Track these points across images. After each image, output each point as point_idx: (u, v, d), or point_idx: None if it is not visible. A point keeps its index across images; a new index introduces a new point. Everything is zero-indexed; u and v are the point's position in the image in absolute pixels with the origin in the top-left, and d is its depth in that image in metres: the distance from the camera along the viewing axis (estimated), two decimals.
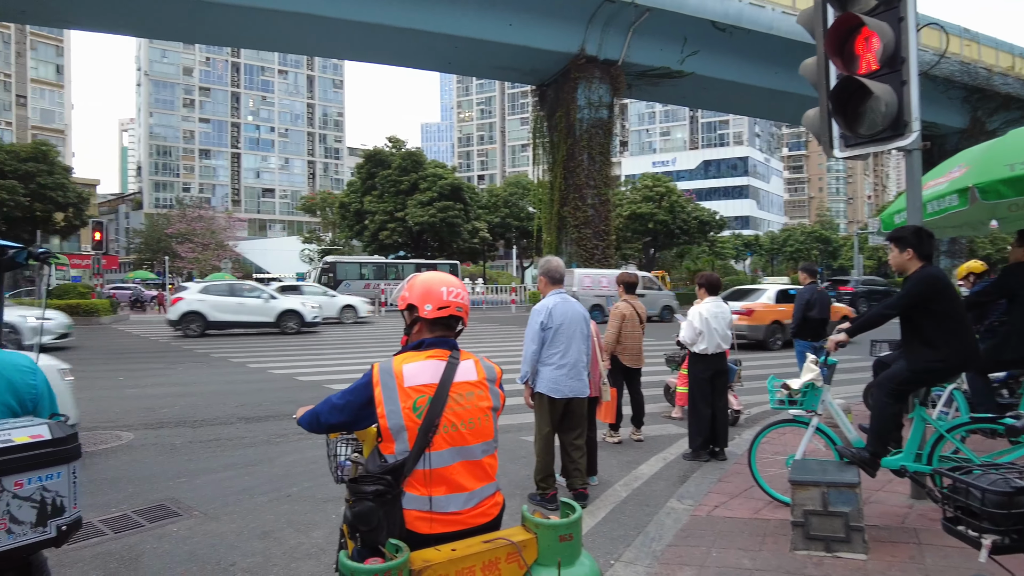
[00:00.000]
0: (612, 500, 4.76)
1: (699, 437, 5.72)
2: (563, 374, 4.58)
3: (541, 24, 28.07)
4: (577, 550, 1.99)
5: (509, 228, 51.94)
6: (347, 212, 46.32)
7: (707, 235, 50.48)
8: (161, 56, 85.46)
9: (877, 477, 4.00)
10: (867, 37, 4.40)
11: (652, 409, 7.76)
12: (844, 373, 10.40)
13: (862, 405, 6.92)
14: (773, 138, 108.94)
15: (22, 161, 36.77)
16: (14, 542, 1.58)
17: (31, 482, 1.61)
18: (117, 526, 4.24)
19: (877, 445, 3.90)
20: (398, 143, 46.48)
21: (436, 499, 1.95)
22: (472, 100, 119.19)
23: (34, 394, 1.91)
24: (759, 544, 3.71)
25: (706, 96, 36.98)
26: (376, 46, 29.33)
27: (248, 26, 26.90)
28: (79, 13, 25.97)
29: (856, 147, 4.47)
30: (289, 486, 5.08)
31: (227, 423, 7.37)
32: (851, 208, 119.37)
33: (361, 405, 2.05)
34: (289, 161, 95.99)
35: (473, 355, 2.18)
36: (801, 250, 62.33)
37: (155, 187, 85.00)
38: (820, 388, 4.10)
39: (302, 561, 3.72)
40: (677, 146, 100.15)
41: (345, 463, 2.62)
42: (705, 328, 5.71)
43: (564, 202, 30.57)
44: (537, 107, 34.30)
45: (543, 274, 4.82)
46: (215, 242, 55.27)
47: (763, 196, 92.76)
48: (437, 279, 2.19)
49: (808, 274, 7.79)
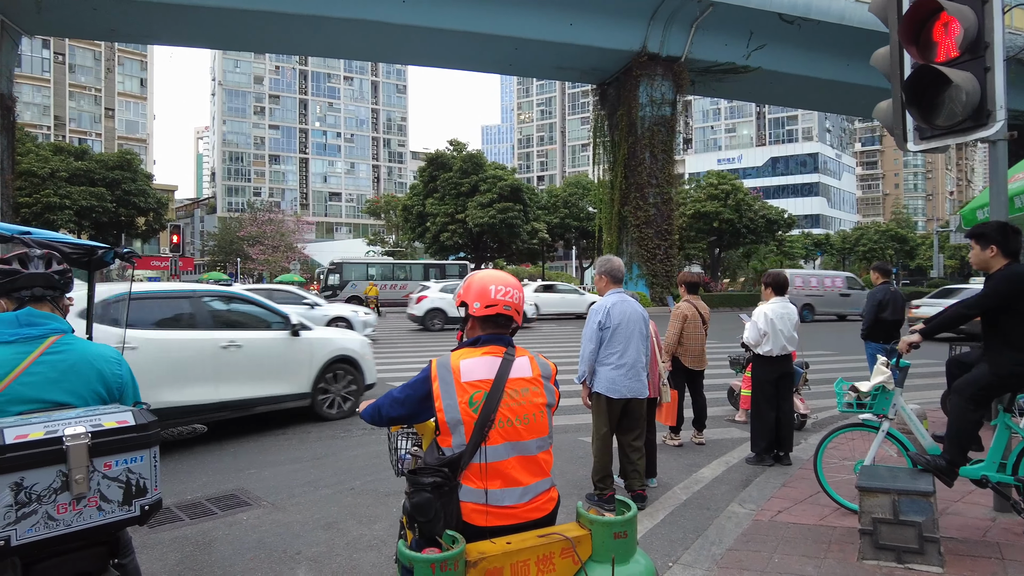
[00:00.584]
0: (671, 502, 4.69)
1: (762, 441, 5.56)
2: (621, 374, 4.54)
3: (602, 23, 27.88)
4: (631, 548, 1.98)
5: (568, 228, 51.79)
6: (410, 214, 47.25)
7: (775, 234, 48.86)
8: (234, 66, 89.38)
9: (957, 487, 3.80)
10: (946, 23, 4.18)
11: (716, 412, 7.60)
12: (922, 377, 9.90)
13: (939, 412, 6.57)
14: (845, 133, 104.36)
15: (109, 169, 39.31)
16: (104, 519, 1.71)
17: (118, 464, 1.74)
18: (192, 513, 4.47)
19: (955, 453, 3.69)
20: (459, 146, 47.07)
21: (492, 492, 1.98)
22: (532, 101, 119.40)
23: (120, 383, 2.07)
24: (824, 552, 3.58)
25: (773, 91, 35.87)
26: (439, 51, 29.85)
27: (317, 35, 27.87)
28: (162, 30, 27.60)
29: (932, 139, 4.26)
30: (352, 479, 5.24)
31: (295, 418, 7.65)
32: (930, 205, 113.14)
33: (417, 399, 2.11)
34: (355, 165, 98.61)
35: (528, 352, 2.20)
36: (875, 249, 59.52)
37: (228, 192, 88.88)
38: (891, 391, 3.92)
39: (364, 552, 3.83)
40: (743, 143, 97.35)
41: (405, 456, 2.69)
42: (770, 329, 5.55)
43: (625, 201, 30.22)
44: (598, 106, 34.07)
45: (605, 272, 4.78)
46: (284, 244, 57.45)
47: (834, 193, 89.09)
48: (490, 278, 2.22)
49: (881, 273, 7.44)
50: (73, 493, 1.66)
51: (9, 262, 2.02)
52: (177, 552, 3.83)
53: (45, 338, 1.95)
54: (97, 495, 1.71)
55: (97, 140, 65.69)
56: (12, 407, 1.82)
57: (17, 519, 1.59)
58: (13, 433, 1.61)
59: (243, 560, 3.73)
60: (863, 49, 3.95)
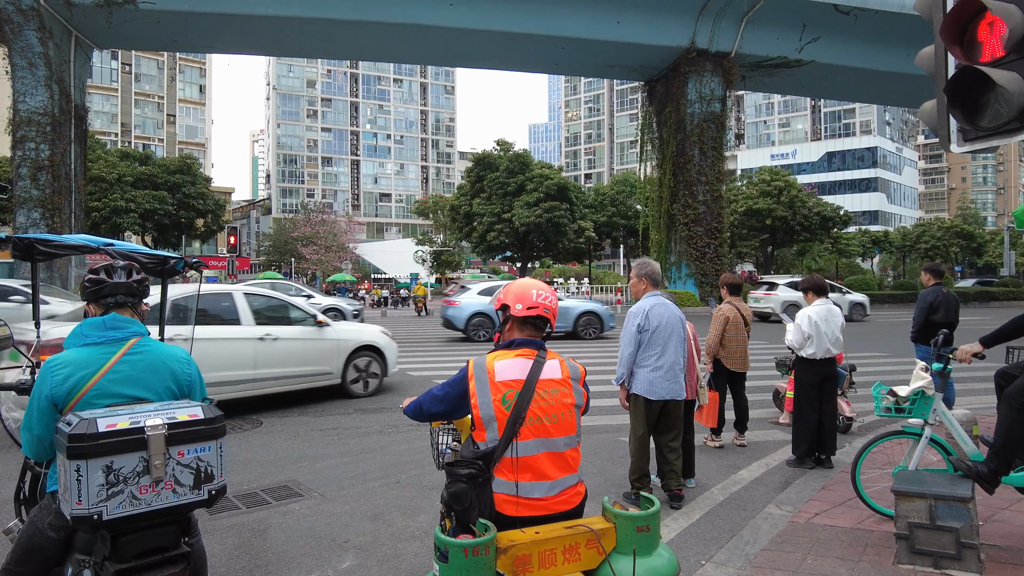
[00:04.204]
0: (708, 503, 4.74)
1: (804, 443, 5.54)
2: (659, 376, 4.62)
3: (649, 20, 27.62)
4: (654, 541, 2.10)
5: (616, 227, 51.42)
6: (457, 214, 47.74)
7: (830, 231, 47.34)
8: (288, 71, 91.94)
9: (1007, 495, 3.74)
10: (991, 22, 4.10)
11: (759, 415, 7.56)
12: (978, 381, 9.58)
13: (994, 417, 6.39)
14: (907, 126, 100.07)
15: (171, 173, 41.06)
16: (178, 500, 1.95)
17: (189, 452, 1.97)
18: (248, 502, 4.76)
19: (999, 462, 3.63)
20: (506, 146, 47.32)
21: (522, 485, 2.14)
22: (580, 99, 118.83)
23: (189, 381, 2.32)
24: (859, 555, 3.60)
25: (828, 85, 34.79)
26: (486, 52, 30.13)
27: (367, 40, 28.53)
28: (220, 39, 28.81)
29: (977, 140, 4.17)
30: (398, 473, 5.47)
31: (345, 413, 7.97)
32: (1001, 199, 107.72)
33: (458, 396, 2.30)
34: (404, 166, 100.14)
35: (559, 355, 2.35)
36: (938, 247, 56.90)
37: (282, 193, 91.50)
38: (931, 396, 3.89)
39: (407, 542, 4.03)
40: (797, 137, 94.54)
41: (446, 451, 2.88)
42: (814, 332, 5.53)
43: (674, 199, 29.85)
44: (646, 103, 33.73)
45: (645, 275, 4.85)
46: (337, 244, 58.87)
47: (894, 189, 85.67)
48: (531, 283, 2.41)
49: (933, 275, 7.26)
50: (153, 477, 1.90)
51: (97, 272, 2.29)
52: (235, 537, 4.12)
53: (126, 340, 2.21)
54: (172, 479, 1.95)
55: (159, 145, 68.70)
56: (100, 400, 2.08)
57: (108, 497, 1.83)
58: (104, 423, 1.85)
59: (295, 547, 3.98)
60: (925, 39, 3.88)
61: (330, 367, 8.58)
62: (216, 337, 7.42)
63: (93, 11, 23.92)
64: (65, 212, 24.34)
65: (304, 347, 8.30)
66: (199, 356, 6.56)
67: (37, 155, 23.76)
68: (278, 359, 7.97)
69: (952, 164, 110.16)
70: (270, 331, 7.94)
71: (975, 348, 3.75)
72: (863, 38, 29.07)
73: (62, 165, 24.32)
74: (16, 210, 23.98)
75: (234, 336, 7.65)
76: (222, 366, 7.35)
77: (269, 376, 7.90)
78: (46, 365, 2.11)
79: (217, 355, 7.27)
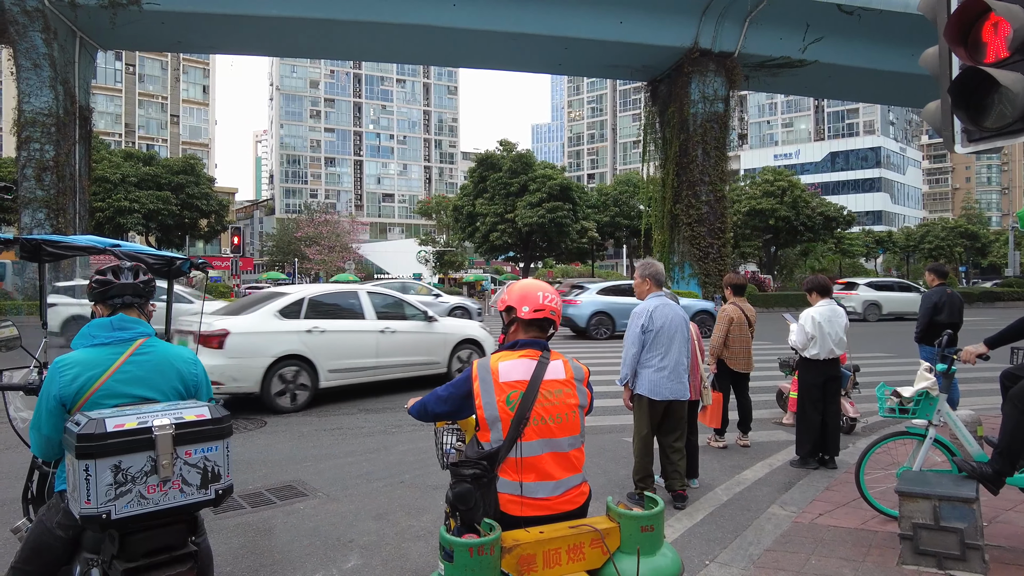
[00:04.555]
0: (712, 503, 4.75)
1: (807, 444, 5.54)
2: (663, 376, 4.62)
3: (652, 20, 27.60)
4: (658, 541, 2.11)
5: (619, 227, 51.42)
6: (460, 215, 47.76)
7: (833, 232, 47.26)
8: (291, 71, 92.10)
9: (1012, 496, 3.74)
10: (995, 23, 4.10)
11: (762, 415, 7.55)
12: (983, 382, 9.56)
13: (998, 418, 6.38)
14: (911, 126, 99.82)
15: (175, 174, 41.11)
16: (185, 500, 1.97)
17: (197, 452, 1.98)
18: (253, 501, 4.78)
19: (1003, 463, 3.62)
20: (508, 146, 47.33)
21: (527, 485, 2.14)
22: (583, 99, 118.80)
23: (195, 381, 2.34)
24: (863, 555, 3.60)
25: (831, 85, 34.72)
26: (489, 52, 30.14)
27: (369, 41, 28.57)
28: (223, 40, 28.89)
29: (982, 141, 4.17)
30: (402, 473, 5.49)
31: (349, 414, 7.99)
32: (1006, 199, 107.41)
33: (462, 397, 2.30)
34: (407, 167, 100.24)
35: (563, 356, 2.36)
36: (942, 247, 56.78)
37: (285, 194, 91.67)
38: (935, 397, 3.89)
39: (412, 542, 4.04)
40: (801, 137, 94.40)
41: (451, 451, 2.89)
42: (818, 333, 5.52)
43: (677, 199, 29.82)
44: (649, 103, 33.69)
45: (648, 276, 4.86)
46: (340, 245, 58.88)
47: (898, 189, 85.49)
48: (537, 285, 2.42)
49: (937, 275, 7.25)
50: (160, 476, 1.92)
51: (104, 273, 2.30)
52: (240, 537, 4.13)
53: (133, 341, 2.22)
54: (179, 479, 1.96)
55: (163, 146, 68.90)
56: (107, 401, 2.10)
57: (116, 496, 1.84)
58: (112, 423, 1.87)
59: (300, 546, 3.99)
60: (930, 38, 3.87)
61: (438, 358, 9.56)
62: (345, 330, 8.60)
63: (97, 12, 23.99)
64: (69, 212, 24.43)
65: (417, 339, 9.34)
66: (333, 345, 8.31)
67: (42, 156, 23.85)
68: (396, 349, 9.02)
69: (956, 164, 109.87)
70: (389, 325, 9.02)
71: (980, 349, 3.74)
72: (867, 38, 29.00)
73: (67, 166, 24.41)
74: (21, 210, 24.08)
75: (360, 329, 8.75)
76: (351, 355, 8.57)
77: (388, 364, 8.96)
78: (54, 365, 2.13)
79: (346, 345, 8.53)
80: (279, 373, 7.94)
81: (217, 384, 7.36)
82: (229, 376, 7.60)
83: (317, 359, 8.20)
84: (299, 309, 8.30)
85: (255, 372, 7.76)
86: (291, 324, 8.15)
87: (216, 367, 7.29)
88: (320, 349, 8.24)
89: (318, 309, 8.48)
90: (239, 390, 7.81)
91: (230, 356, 7.60)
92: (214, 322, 7.87)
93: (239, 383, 7.73)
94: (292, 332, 8.10)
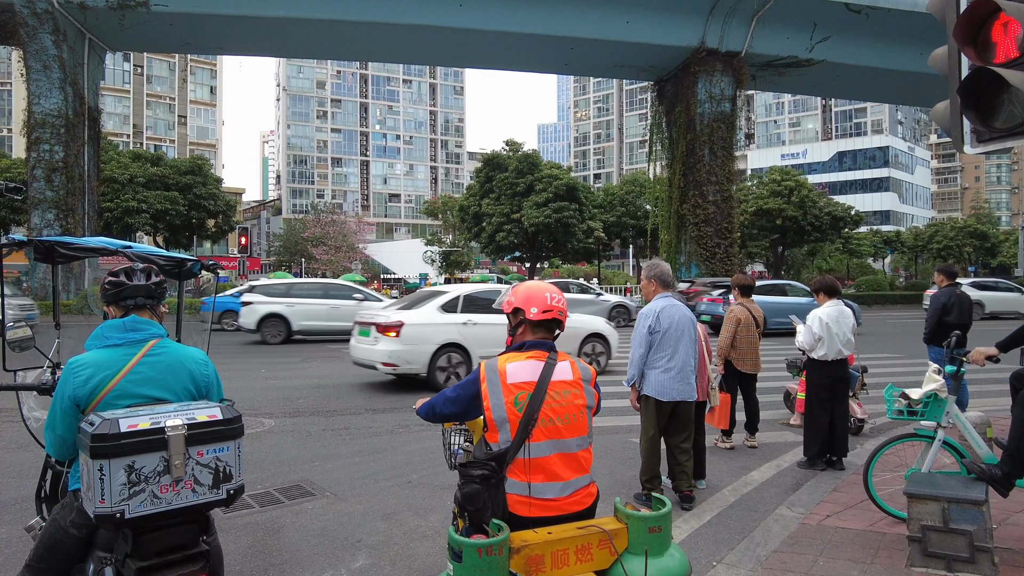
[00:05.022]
0: (719, 504, 4.74)
1: (815, 445, 5.53)
2: (670, 377, 4.62)
3: (659, 20, 27.58)
4: (666, 542, 2.11)
5: (625, 227, 51.25)
6: (466, 215, 47.74)
7: (841, 232, 46.99)
8: (297, 72, 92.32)
9: (1019, 499, 3.72)
10: (1005, 23, 4.08)
11: (770, 416, 7.54)
12: (992, 384, 9.50)
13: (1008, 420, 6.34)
14: (919, 125, 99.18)
15: (182, 174, 41.27)
16: (197, 499, 1.99)
17: (209, 452, 2.00)
18: (262, 501, 4.80)
19: (1013, 466, 3.61)
20: (515, 146, 47.29)
21: (535, 485, 2.15)
22: (589, 99, 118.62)
23: (207, 382, 2.36)
24: (871, 557, 3.59)
25: (839, 84, 34.62)
26: (496, 53, 30.19)
27: (376, 41, 28.68)
28: (231, 41, 29.07)
29: (991, 142, 4.15)
30: (410, 473, 5.50)
31: (356, 413, 8.02)
32: (1016, 199, 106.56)
33: (467, 398, 2.32)
34: (413, 167, 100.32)
35: (570, 357, 2.37)
36: (951, 247, 56.35)
37: (292, 194, 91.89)
38: (944, 399, 3.88)
39: (419, 542, 4.06)
40: (808, 137, 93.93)
41: (458, 451, 2.90)
42: (826, 334, 5.51)
43: (683, 199, 29.77)
44: (655, 103, 33.68)
45: (655, 277, 4.86)
46: (346, 245, 58.98)
47: (906, 188, 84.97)
48: (543, 287, 2.43)
49: (946, 276, 7.21)
50: (173, 476, 1.94)
51: (116, 275, 2.32)
52: (249, 536, 4.16)
53: (146, 342, 2.24)
54: (192, 479, 1.98)
55: (171, 146, 69.18)
56: (120, 401, 2.12)
57: (129, 496, 1.87)
58: (126, 423, 1.89)
59: (308, 546, 4.02)
60: (938, 37, 3.85)
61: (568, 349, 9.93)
62: (493, 323, 9.33)
63: (106, 14, 24.17)
64: (79, 213, 24.61)
65: None
66: (483, 336, 9.30)
67: (51, 157, 24.04)
68: None
69: (966, 163, 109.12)
70: None
71: (990, 351, 3.73)
72: (874, 37, 28.88)
73: (76, 166, 24.59)
74: (31, 211, 24.27)
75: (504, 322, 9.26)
76: (497, 344, 8.57)
77: None
78: (68, 366, 2.15)
79: (493, 336, 9.29)
80: (444, 357, 9.41)
81: (392, 366, 9.13)
82: (404, 360, 9.16)
83: (471, 346, 9.54)
84: (456, 304, 9.68)
85: (424, 356, 9.28)
86: (451, 317, 9.59)
87: (394, 352, 9.08)
88: (473, 338, 9.57)
89: (471, 305, 9.68)
90: (410, 371, 9.32)
91: (405, 343, 9.13)
92: (391, 315, 9.44)
93: (411, 365, 9.26)
94: (452, 324, 9.54)
